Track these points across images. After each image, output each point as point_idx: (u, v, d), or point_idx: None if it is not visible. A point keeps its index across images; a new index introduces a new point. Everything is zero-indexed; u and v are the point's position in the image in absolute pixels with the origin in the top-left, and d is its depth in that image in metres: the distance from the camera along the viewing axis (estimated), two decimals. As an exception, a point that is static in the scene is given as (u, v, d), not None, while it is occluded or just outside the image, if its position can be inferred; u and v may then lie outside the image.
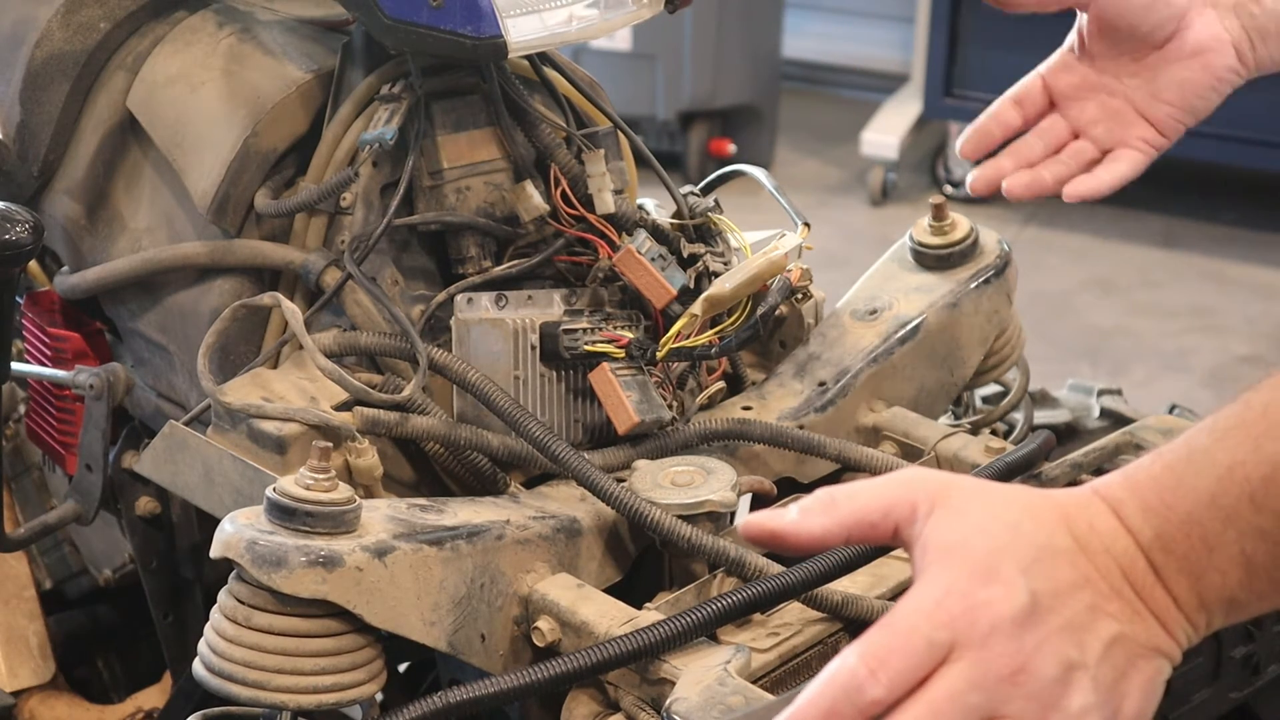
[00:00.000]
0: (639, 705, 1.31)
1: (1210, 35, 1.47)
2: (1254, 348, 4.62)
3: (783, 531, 1.01)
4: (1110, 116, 1.52)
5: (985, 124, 1.55)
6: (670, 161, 5.26)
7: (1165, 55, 1.48)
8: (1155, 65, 1.49)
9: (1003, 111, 1.55)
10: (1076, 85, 1.53)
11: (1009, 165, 1.55)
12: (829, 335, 1.73)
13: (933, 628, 0.93)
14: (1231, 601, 0.98)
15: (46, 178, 1.73)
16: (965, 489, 1.00)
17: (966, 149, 1.56)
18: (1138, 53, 1.50)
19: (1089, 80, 1.52)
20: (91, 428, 1.69)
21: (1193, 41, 1.47)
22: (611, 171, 1.61)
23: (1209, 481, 0.97)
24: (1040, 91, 1.55)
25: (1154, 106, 1.50)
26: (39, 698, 1.93)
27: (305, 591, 1.27)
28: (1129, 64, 1.51)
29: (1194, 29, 1.47)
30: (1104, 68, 1.52)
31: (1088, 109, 1.53)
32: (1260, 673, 1.56)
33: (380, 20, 1.50)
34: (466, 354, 1.55)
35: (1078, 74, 1.53)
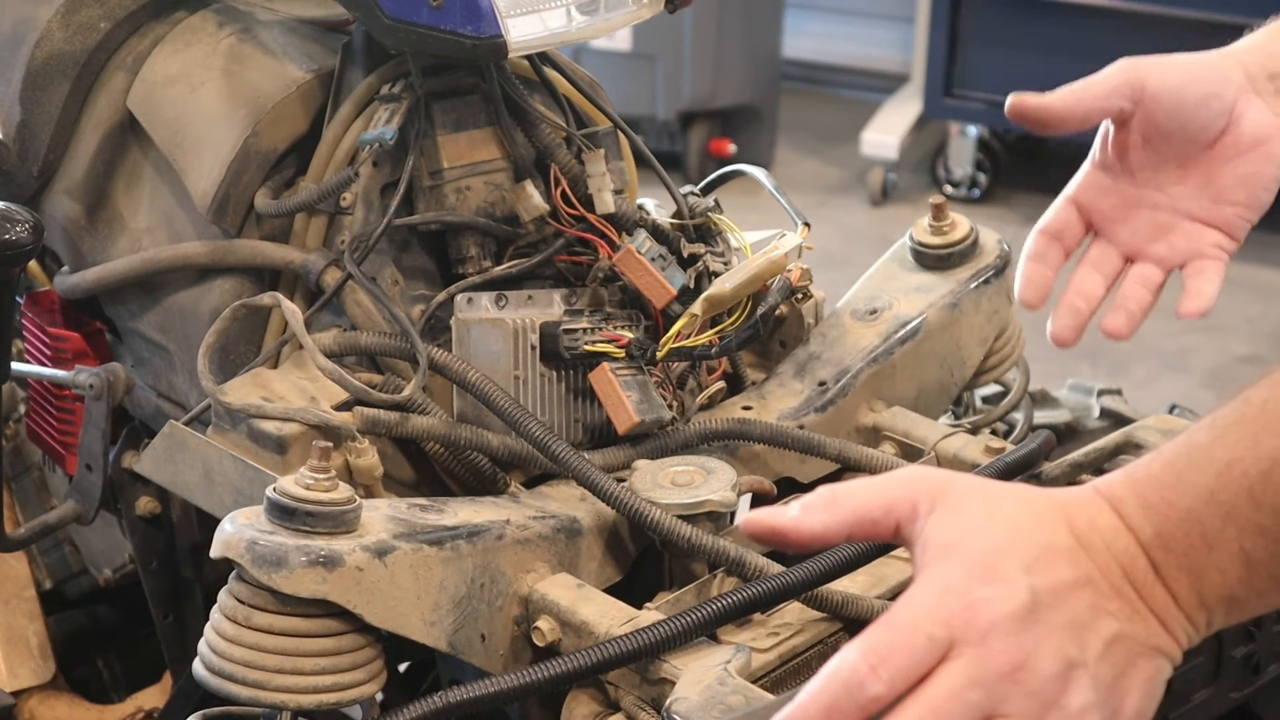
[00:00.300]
0: (639, 705, 1.31)
1: (1266, 124, 1.35)
2: (1254, 348, 4.62)
3: (784, 528, 1.01)
4: (1166, 233, 1.39)
5: (1034, 269, 1.42)
6: (670, 161, 5.26)
7: (1219, 154, 1.37)
8: (1208, 167, 1.37)
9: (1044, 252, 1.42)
10: (1117, 205, 1.41)
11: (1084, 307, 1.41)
12: (829, 335, 1.73)
13: (933, 625, 0.93)
14: (1232, 599, 0.98)
15: (46, 178, 1.73)
16: (966, 487, 1.00)
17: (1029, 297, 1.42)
18: (1184, 156, 1.38)
19: (1128, 197, 1.40)
20: (91, 428, 1.68)
21: (1250, 133, 1.36)
22: (611, 171, 1.61)
23: (1208, 478, 0.97)
24: (1077, 219, 1.43)
25: (1215, 210, 1.38)
26: (39, 698, 1.93)
27: (305, 591, 1.27)
28: (1173, 171, 1.39)
29: (1247, 119, 1.36)
30: (1145, 180, 1.40)
31: (1139, 230, 1.40)
32: (1260, 673, 1.56)
33: (380, 20, 1.50)
34: (466, 354, 1.55)
35: (1115, 193, 1.41)
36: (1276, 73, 1.37)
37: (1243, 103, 1.36)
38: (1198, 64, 1.37)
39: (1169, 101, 1.36)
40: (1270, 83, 1.38)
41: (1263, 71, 1.37)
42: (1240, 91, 1.36)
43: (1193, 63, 1.37)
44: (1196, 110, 1.36)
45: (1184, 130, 1.37)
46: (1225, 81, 1.36)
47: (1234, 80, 1.36)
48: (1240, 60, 1.38)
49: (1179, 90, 1.36)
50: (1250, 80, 1.37)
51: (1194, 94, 1.36)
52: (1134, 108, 1.37)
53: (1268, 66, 1.37)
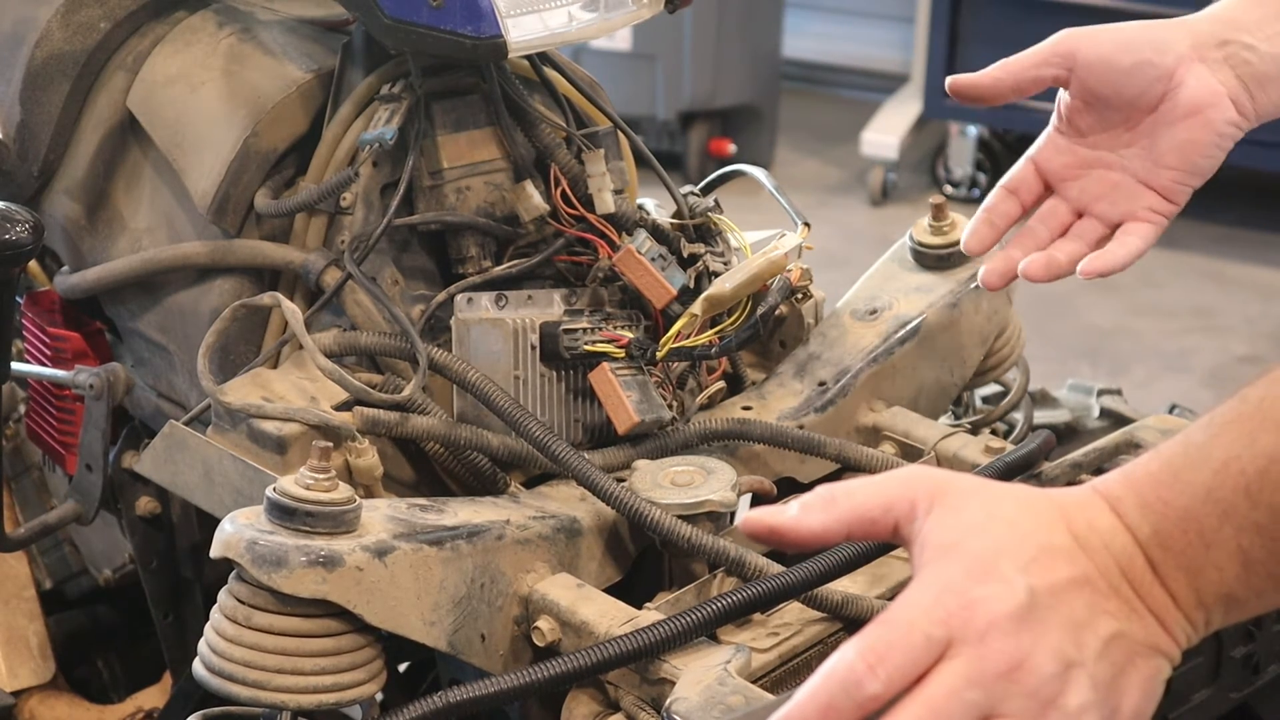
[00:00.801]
0: (639, 705, 1.31)
1: (1206, 90, 1.38)
2: (1254, 348, 4.62)
3: (783, 528, 1.01)
4: (1112, 191, 1.43)
5: (985, 218, 1.47)
6: (670, 161, 5.26)
7: (1160, 118, 1.39)
8: (1151, 130, 1.40)
9: (999, 203, 1.47)
10: (1070, 165, 1.45)
11: (1018, 254, 1.45)
12: (829, 335, 1.73)
13: (930, 624, 0.93)
14: (1230, 598, 0.98)
15: (46, 178, 1.73)
16: (964, 487, 1.00)
17: (971, 245, 1.47)
18: (1129, 121, 1.42)
19: (1082, 158, 1.44)
20: (91, 428, 1.68)
21: (1187, 100, 1.38)
22: (611, 171, 1.61)
23: (1205, 477, 0.97)
24: (1034, 176, 1.47)
25: (1156, 174, 1.41)
26: (39, 698, 1.93)
27: (305, 591, 1.27)
28: (1122, 134, 1.42)
29: (1186, 86, 1.38)
30: (1096, 142, 1.44)
31: (1087, 187, 1.44)
32: (1260, 673, 1.56)
33: (380, 20, 1.50)
34: (466, 354, 1.55)
35: (1069, 153, 1.45)
36: (1228, 40, 1.38)
37: (1183, 69, 1.38)
38: (1134, 31, 1.39)
39: (1101, 69, 1.38)
40: (1219, 49, 1.39)
41: (1213, 39, 1.39)
42: (1181, 59, 1.38)
43: (1128, 30, 1.39)
44: (1129, 76, 1.38)
45: (1119, 96, 1.39)
46: (1162, 49, 1.38)
47: (1174, 48, 1.38)
48: (1191, 28, 1.40)
49: (1110, 57, 1.38)
50: (1197, 47, 1.38)
51: (1125, 61, 1.38)
52: (1067, 75, 1.40)
53: (1219, 34, 1.39)
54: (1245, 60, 1.39)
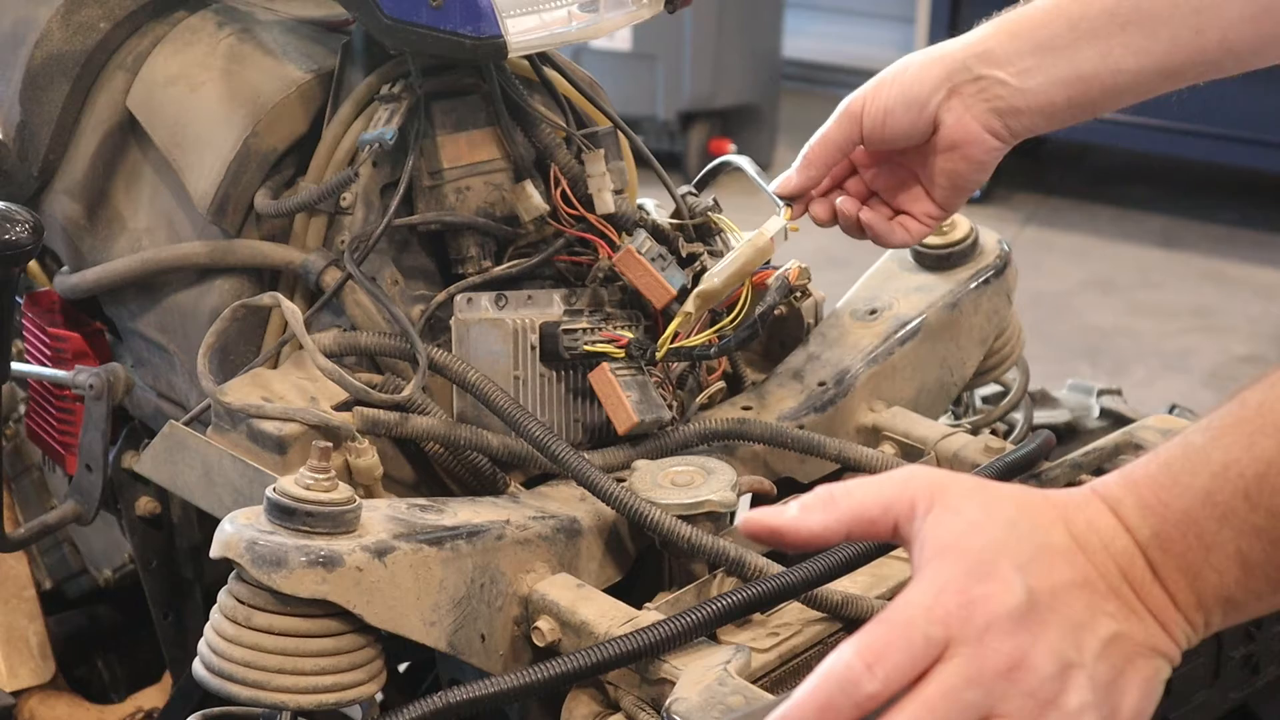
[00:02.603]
0: (639, 705, 1.31)
1: (960, 130, 1.50)
2: (1254, 348, 4.62)
3: (782, 528, 1.01)
4: (899, 185, 1.57)
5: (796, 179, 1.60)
6: (670, 161, 5.26)
7: (928, 149, 1.53)
8: (924, 155, 1.54)
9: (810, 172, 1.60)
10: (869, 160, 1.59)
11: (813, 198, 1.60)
12: (829, 335, 1.73)
13: (929, 623, 0.93)
14: (1229, 601, 0.98)
15: (46, 178, 1.73)
16: (964, 487, 1.00)
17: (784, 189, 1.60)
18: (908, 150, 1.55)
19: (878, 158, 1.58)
20: (91, 428, 1.68)
21: (946, 139, 1.51)
22: (611, 171, 1.61)
23: (1204, 479, 0.97)
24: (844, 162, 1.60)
25: (931, 186, 1.55)
26: (39, 698, 1.93)
27: (305, 591, 1.27)
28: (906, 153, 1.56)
29: (945, 126, 1.50)
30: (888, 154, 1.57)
31: (881, 175, 1.58)
32: (1260, 673, 1.56)
33: (380, 20, 1.50)
34: (466, 354, 1.55)
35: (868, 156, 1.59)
36: (981, 75, 1.50)
37: (943, 110, 1.51)
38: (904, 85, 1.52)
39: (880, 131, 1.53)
40: (974, 84, 1.50)
41: (968, 74, 1.50)
42: (941, 101, 1.50)
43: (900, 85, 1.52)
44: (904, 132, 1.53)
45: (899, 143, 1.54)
46: (925, 101, 1.51)
47: (935, 94, 1.50)
48: (949, 62, 1.51)
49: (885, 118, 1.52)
50: (953, 84, 1.50)
51: (898, 121, 1.52)
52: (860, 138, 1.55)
53: (973, 69, 1.50)
54: (998, 95, 1.50)
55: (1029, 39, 1.49)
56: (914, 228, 1.57)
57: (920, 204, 1.57)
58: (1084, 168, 5.91)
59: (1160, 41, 1.47)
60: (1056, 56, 1.48)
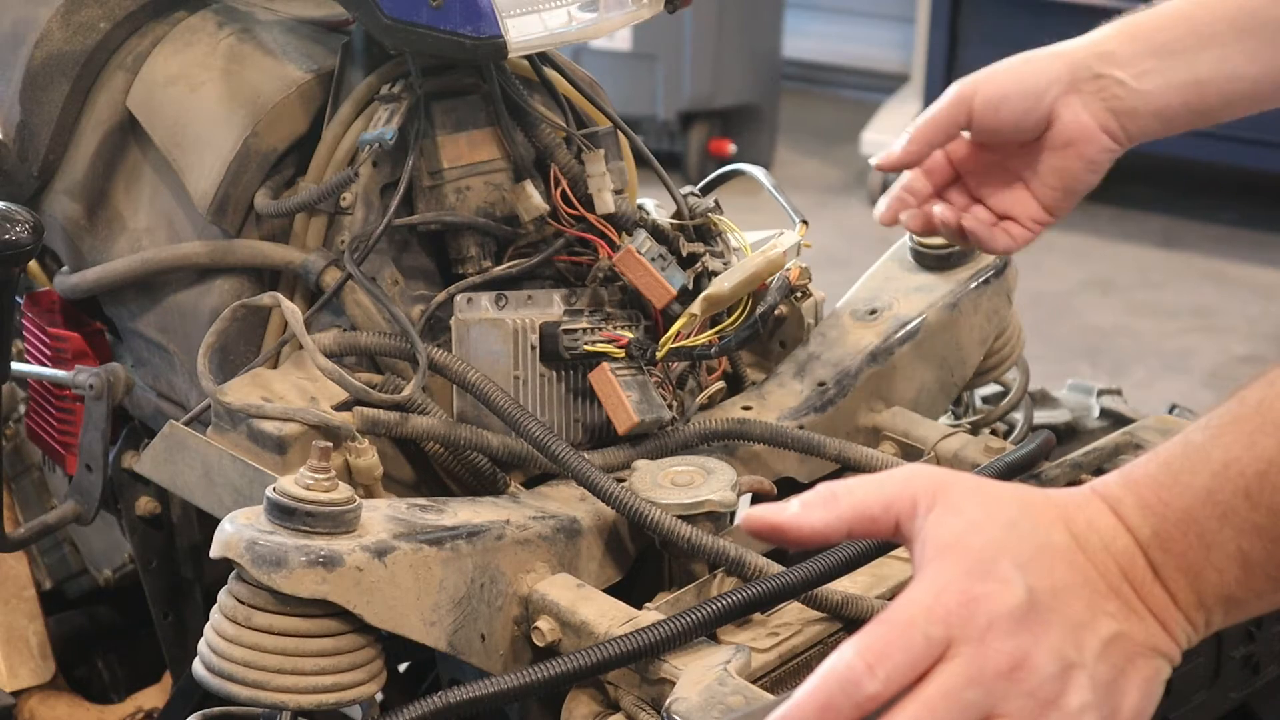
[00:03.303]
0: (639, 705, 1.31)
1: (1077, 126, 1.49)
2: (1254, 348, 4.62)
3: (784, 525, 1.01)
4: (1006, 188, 1.55)
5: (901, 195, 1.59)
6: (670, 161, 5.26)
7: (1041, 145, 1.51)
8: (1035, 153, 1.52)
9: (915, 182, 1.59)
10: (974, 161, 1.57)
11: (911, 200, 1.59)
12: (829, 335, 1.73)
13: (930, 623, 0.93)
14: (1230, 600, 0.98)
15: (46, 178, 1.73)
16: (965, 486, 1.00)
17: (885, 217, 1.60)
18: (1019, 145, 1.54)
19: (984, 159, 1.56)
20: (91, 428, 1.68)
21: (1062, 135, 1.50)
22: (611, 171, 1.61)
23: (1204, 479, 0.97)
24: (945, 164, 1.58)
25: (1040, 188, 1.53)
26: (39, 698, 1.93)
27: (305, 591, 1.27)
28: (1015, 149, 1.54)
29: (1061, 121, 1.49)
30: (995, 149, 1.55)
31: (987, 180, 1.56)
32: (1260, 673, 1.56)
33: (380, 20, 1.50)
34: (466, 354, 1.55)
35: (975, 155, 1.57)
36: (1101, 74, 1.49)
37: (1060, 104, 1.50)
38: (1021, 75, 1.51)
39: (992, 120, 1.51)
40: (1093, 82, 1.49)
41: (1088, 71, 1.49)
42: (1058, 97, 1.49)
43: (1017, 74, 1.51)
44: (1017, 121, 1.50)
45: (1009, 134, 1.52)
46: (1042, 92, 1.49)
47: (1053, 87, 1.49)
48: (1070, 59, 1.50)
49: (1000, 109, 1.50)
50: (1074, 80, 1.49)
51: (1013, 109, 1.50)
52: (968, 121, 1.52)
53: (1094, 67, 1.49)
54: (1115, 95, 1.49)
55: (1148, 41, 1.49)
56: (1018, 233, 1.55)
57: (1026, 207, 1.55)
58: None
59: None
60: (1175, 60, 1.48)
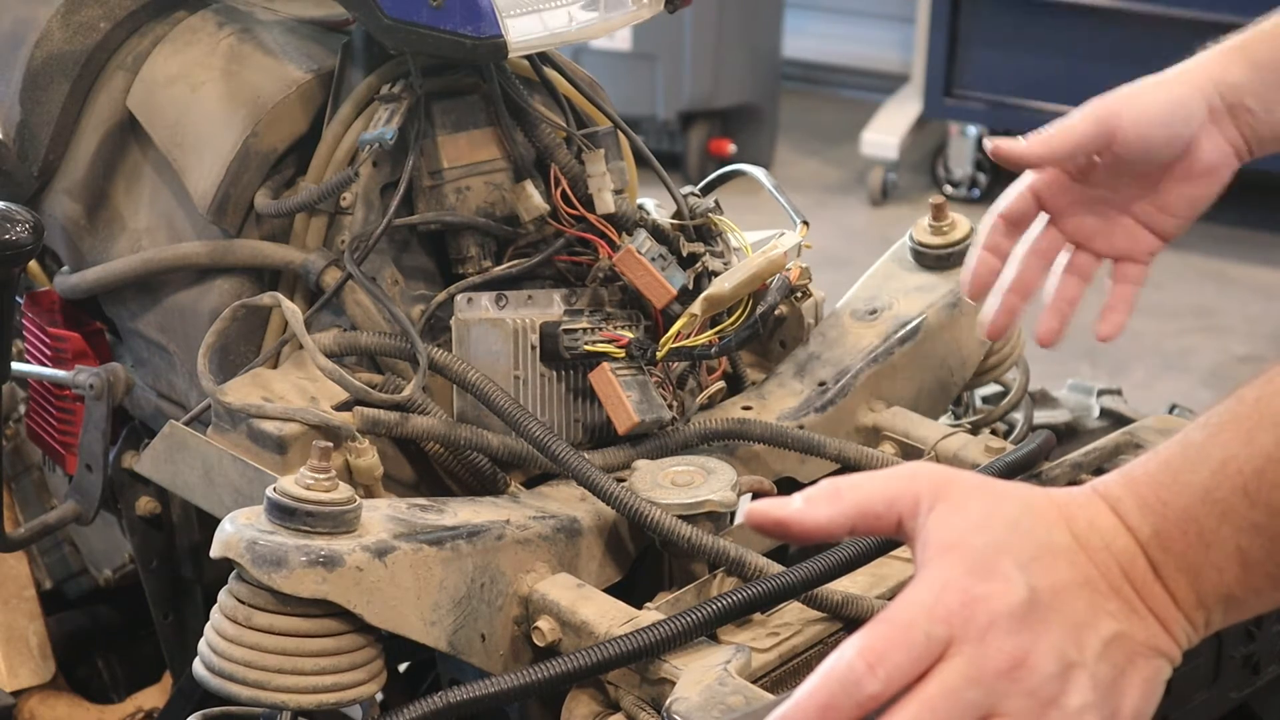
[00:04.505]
0: (639, 705, 1.31)
1: (1220, 156, 1.47)
2: (1254, 348, 4.62)
3: (787, 519, 1.00)
4: (1108, 227, 1.50)
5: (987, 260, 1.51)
6: (670, 161, 5.26)
7: (1173, 174, 1.47)
8: (1161, 182, 1.48)
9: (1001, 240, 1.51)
10: (1072, 201, 1.51)
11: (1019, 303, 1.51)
12: (829, 335, 1.73)
13: (930, 622, 0.93)
14: (1230, 598, 0.98)
15: (46, 178, 1.73)
16: (968, 484, 1.00)
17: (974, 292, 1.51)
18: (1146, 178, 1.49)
19: (1085, 196, 1.50)
20: (91, 428, 1.68)
21: (1204, 163, 1.47)
22: (611, 171, 1.61)
23: (1203, 477, 0.97)
24: (1032, 206, 1.52)
25: (1157, 218, 1.49)
26: (39, 698, 1.93)
27: (305, 591, 1.27)
28: (1130, 181, 1.49)
29: (1204, 150, 1.46)
30: (1101, 182, 1.50)
31: (1086, 222, 1.51)
32: (1260, 673, 1.56)
33: (380, 20, 1.50)
34: (466, 354, 1.55)
35: (1073, 192, 1.51)
36: (1236, 105, 1.46)
37: (1202, 134, 1.46)
38: (1167, 104, 1.46)
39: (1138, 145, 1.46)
40: (1229, 114, 1.47)
41: (1222, 103, 1.47)
42: (1201, 126, 1.46)
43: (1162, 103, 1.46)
44: (1162, 150, 1.46)
45: (1147, 163, 1.47)
46: (1189, 120, 1.46)
47: (1197, 116, 1.46)
48: (1203, 90, 1.47)
49: (1148, 134, 1.45)
50: (1212, 109, 1.46)
51: (1161, 136, 1.46)
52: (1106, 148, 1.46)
53: (1226, 98, 1.46)
54: (1250, 125, 1.47)
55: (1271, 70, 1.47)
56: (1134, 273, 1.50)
57: (1139, 241, 1.50)
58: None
59: None
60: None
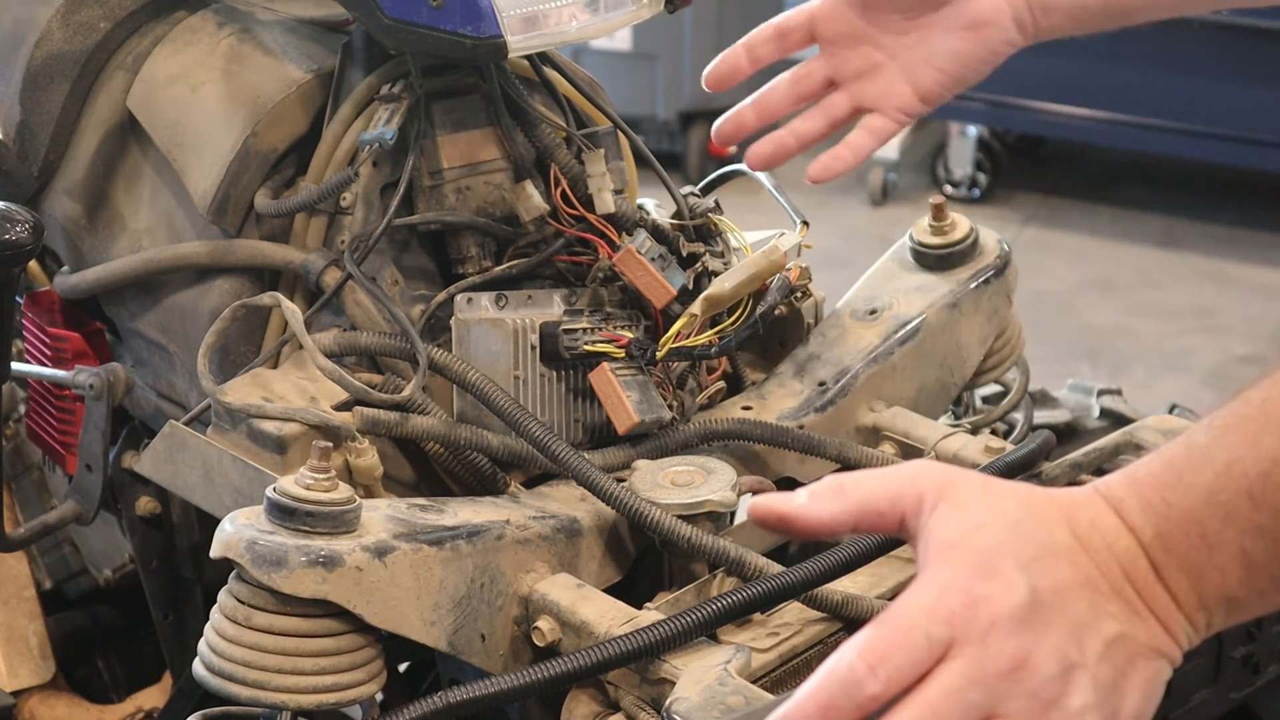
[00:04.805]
0: (639, 705, 1.31)
1: (991, 9, 1.40)
2: (1254, 348, 4.62)
3: (791, 515, 1.00)
4: (871, 73, 1.45)
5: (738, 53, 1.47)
6: (670, 161, 5.26)
7: (940, 20, 1.41)
8: (929, 28, 1.42)
9: (761, 44, 1.47)
10: (844, 33, 1.45)
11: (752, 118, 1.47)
12: (829, 335, 1.73)
13: (932, 623, 0.93)
14: (1231, 600, 0.98)
15: (46, 178, 1.73)
16: (971, 484, 0.99)
17: (711, 81, 1.48)
18: (914, 11, 1.42)
19: (857, 30, 1.45)
20: (91, 428, 1.68)
21: (971, 13, 1.40)
22: (611, 171, 1.61)
23: (1208, 479, 0.97)
24: (805, 29, 1.47)
25: (921, 70, 1.43)
26: (39, 698, 1.93)
27: (305, 591, 1.27)
28: (901, 21, 1.43)
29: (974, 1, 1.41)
30: (874, 19, 1.44)
31: (851, 60, 1.45)
32: (1260, 673, 1.56)
33: (380, 20, 1.50)
34: (466, 354, 1.55)
35: (847, 22, 1.46)
36: None
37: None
38: None
39: None
40: None
41: None
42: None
43: None
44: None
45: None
46: None
47: None
48: None
49: None
50: None
51: None
52: None
53: None
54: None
55: None
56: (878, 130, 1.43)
57: (897, 96, 1.43)
58: (1084, 168, 5.91)
59: None
60: None
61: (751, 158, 1.47)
